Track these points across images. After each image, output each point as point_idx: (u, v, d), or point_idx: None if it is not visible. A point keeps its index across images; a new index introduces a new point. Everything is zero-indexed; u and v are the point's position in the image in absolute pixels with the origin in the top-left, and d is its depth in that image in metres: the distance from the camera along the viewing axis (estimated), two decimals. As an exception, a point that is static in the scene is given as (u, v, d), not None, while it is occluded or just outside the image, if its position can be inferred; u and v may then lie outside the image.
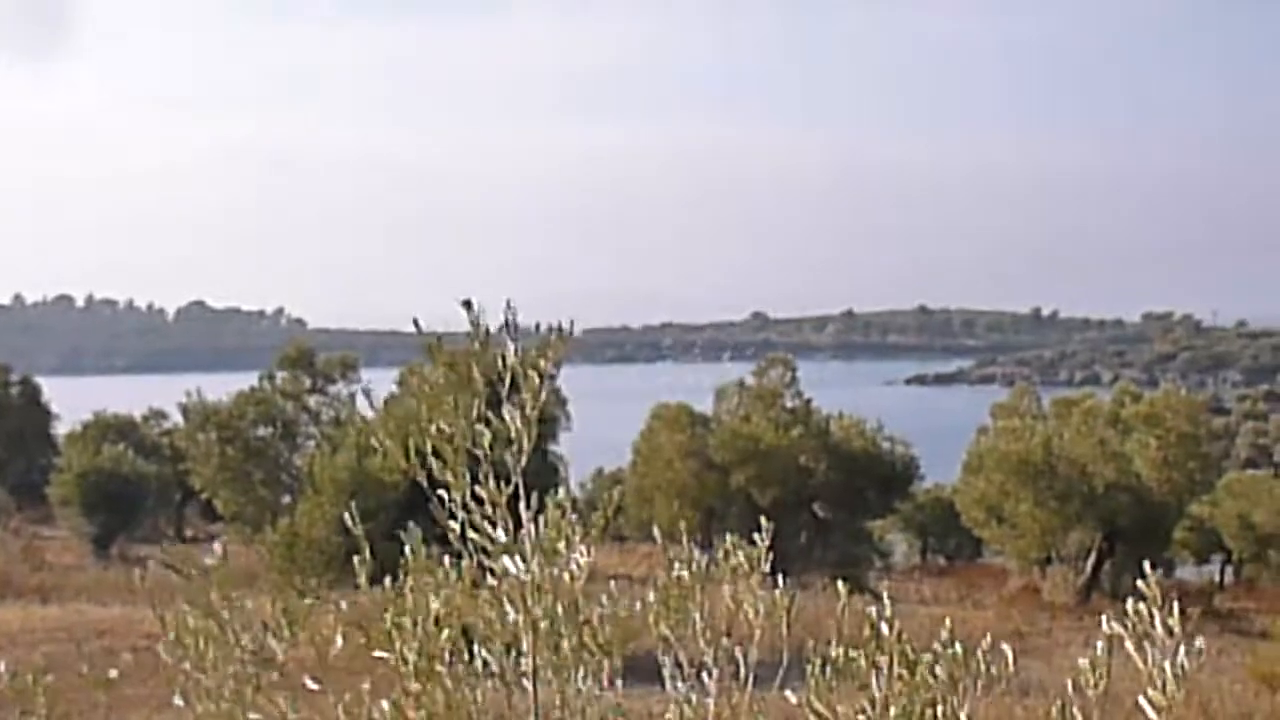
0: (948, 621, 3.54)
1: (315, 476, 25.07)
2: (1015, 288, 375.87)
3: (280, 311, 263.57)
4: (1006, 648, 3.47)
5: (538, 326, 3.50)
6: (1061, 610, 30.45)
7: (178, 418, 32.48)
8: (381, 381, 28.60)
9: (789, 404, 36.18)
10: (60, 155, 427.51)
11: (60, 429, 47.62)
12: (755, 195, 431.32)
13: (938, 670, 3.41)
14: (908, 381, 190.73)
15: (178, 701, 3.54)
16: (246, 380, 29.68)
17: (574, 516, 3.44)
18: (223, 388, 29.54)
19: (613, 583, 3.78)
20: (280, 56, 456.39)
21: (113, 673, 3.94)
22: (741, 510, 33.15)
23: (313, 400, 29.50)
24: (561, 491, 3.50)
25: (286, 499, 27.50)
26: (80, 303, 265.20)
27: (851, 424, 37.25)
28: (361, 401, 28.39)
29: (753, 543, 3.93)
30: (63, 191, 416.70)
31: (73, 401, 49.31)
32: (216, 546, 3.68)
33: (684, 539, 3.94)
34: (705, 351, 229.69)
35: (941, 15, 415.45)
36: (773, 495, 33.81)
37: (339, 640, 3.49)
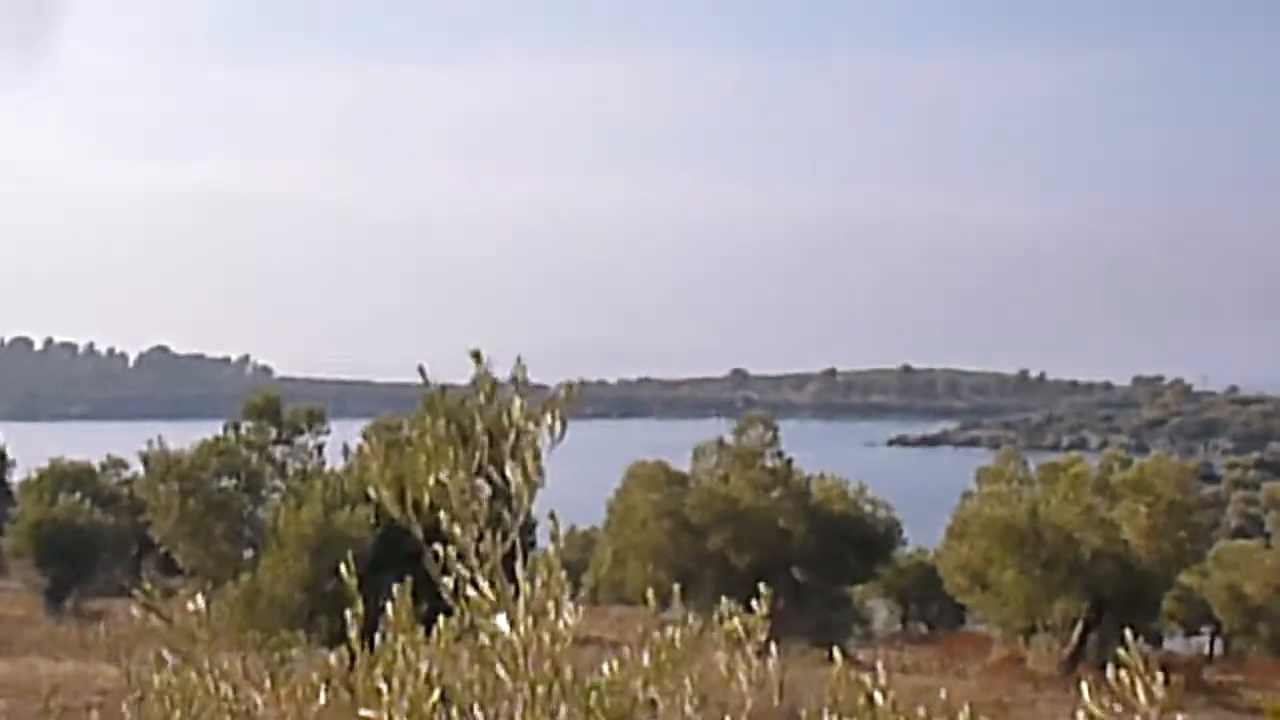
0: (942, 694, 3.51)
1: (279, 531, 24.36)
2: (1002, 348, 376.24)
3: (246, 359, 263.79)
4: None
5: (515, 380, 3.41)
6: (1046, 681, 29.88)
7: (137, 467, 31.72)
8: (348, 432, 27.94)
9: (769, 464, 35.51)
10: (21, 194, 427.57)
11: (15, 476, 46.48)
12: (736, 250, 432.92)
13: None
14: (890, 443, 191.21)
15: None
16: (209, 429, 28.87)
17: (564, 574, 3.32)
18: (184, 437, 28.72)
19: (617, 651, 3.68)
20: (247, 102, 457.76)
21: None
22: (718, 573, 32.44)
23: (278, 452, 28.70)
24: (552, 548, 3.37)
25: (249, 553, 26.71)
26: (39, 345, 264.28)
27: (833, 485, 36.65)
28: (337, 453, 27.69)
29: (749, 609, 3.89)
30: (22, 231, 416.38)
31: (28, 448, 48.57)
32: (199, 598, 3.66)
33: (677, 602, 3.97)
34: (684, 408, 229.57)
35: (928, 70, 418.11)
36: (750, 558, 33.19)
37: (321, 697, 3.45)
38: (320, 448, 28.33)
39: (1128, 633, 3.16)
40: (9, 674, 24.19)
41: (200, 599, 3.58)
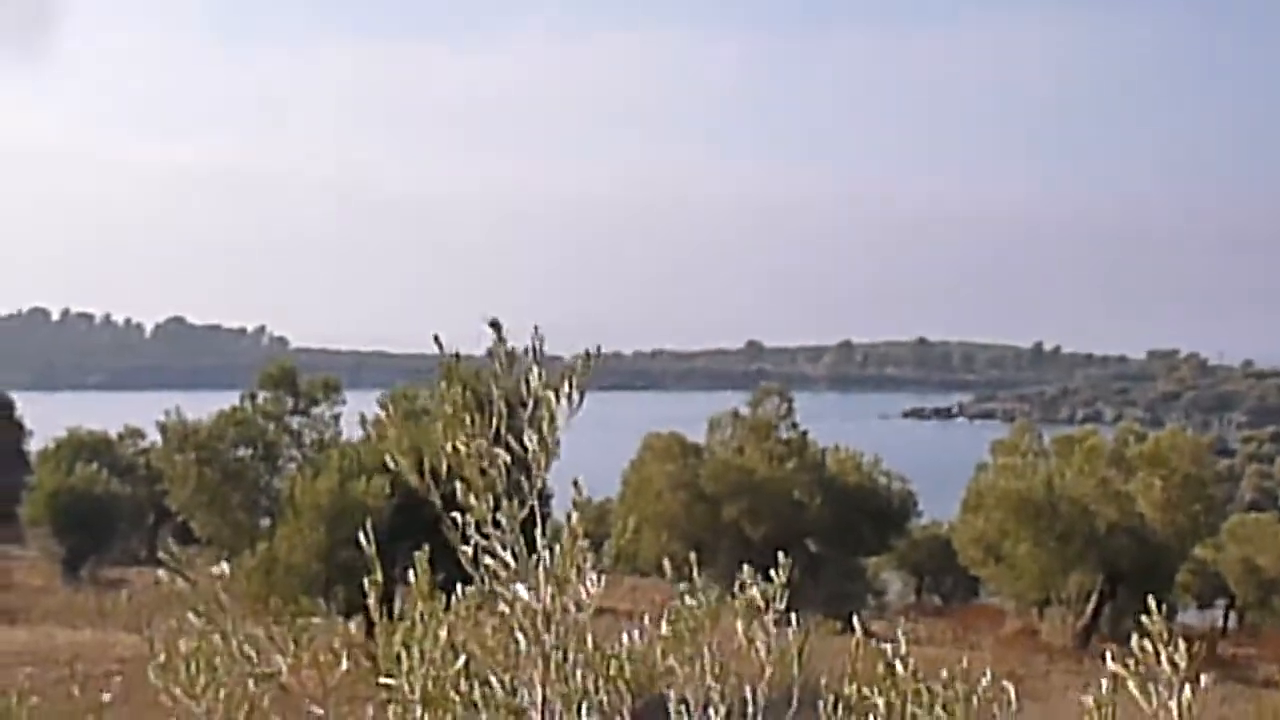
0: (965, 661, 3.52)
1: (295, 500, 24.39)
2: (1017, 321, 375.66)
3: (262, 330, 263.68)
4: (1009, 686, 3.43)
5: (532, 349, 3.39)
6: (1060, 653, 29.86)
7: (155, 437, 31.74)
8: (363, 403, 27.96)
9: (784, 436, 35.45)
10: (38, 167, 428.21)
11: (33, 446, 46.60)
12: (750, 223, 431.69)
13: (956, 710, 3.38)
14: (905, 415, 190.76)
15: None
16: (225, 399, 28.90)
17: (585, 543, 3.35)
18: (201, 407, 28.78)
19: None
20: (259, 75, 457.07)
21: (106, 697, 4.50)
22: (732, 544, 32.42)
23: (295, 422, 28.71)
24: (575, 516, 3.38)
25: (265, 522, 26.75)
26: (55, 316, 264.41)
27: (847, 458, 36.63)
28: (353, 424, 27.73)
29: (768, 579, 3.85)
30: (38, 204, 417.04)
31: (46, 418, 48.68)
32: (224, 565, 3.61)
33: (694, 571, 3.87)
34: (699, 381, 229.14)
35: (939, 45, 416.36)
36: (765, 530, 33.17)
37: (344, 663, 3.42)
38: (337, 418, 28.34)
39: (1151, 601, 3.18)
40: (27, 642, 24.33)
41: (224, 565, 3.57)
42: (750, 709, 3.75)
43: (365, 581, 3.45)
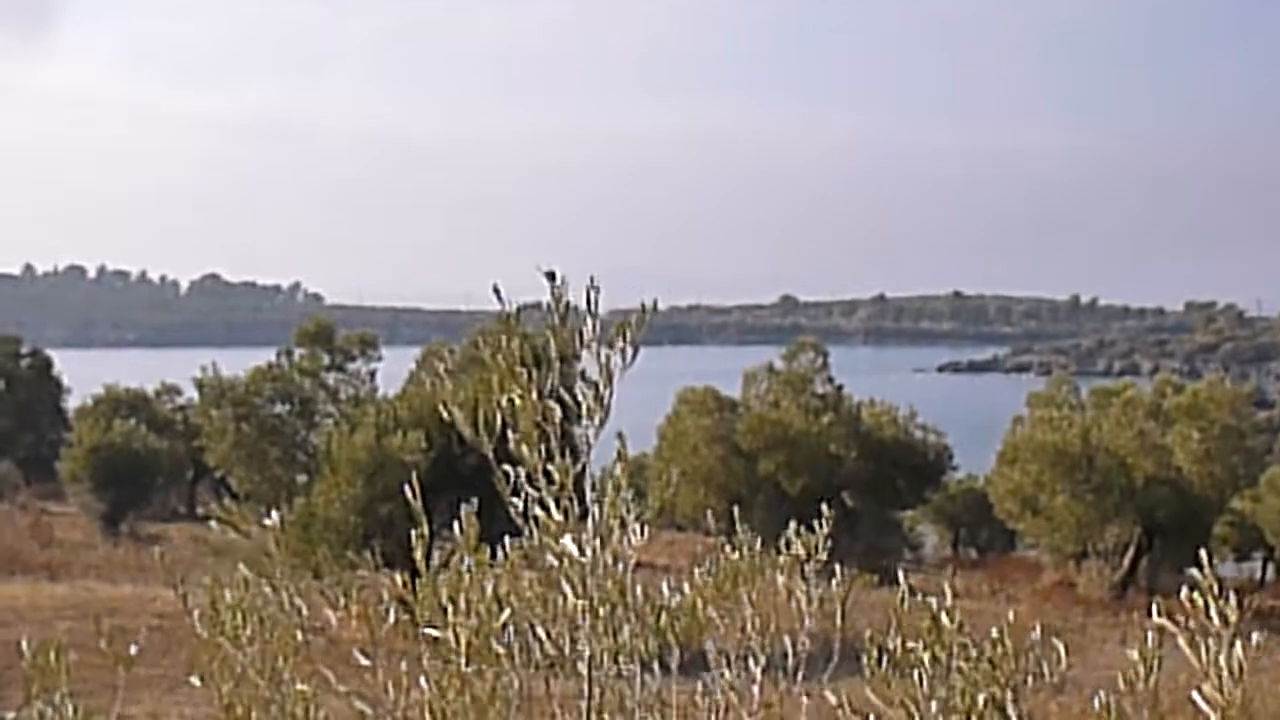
0: (1011, 615, 3.53)
1: (333, 456, 24.47)
2: (1053, 274, 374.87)
3: (297, 286, 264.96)
4: (1059, 642, 3.37)
5: (587, 303, 3.40)
6: (1097, 606, 29.76)
7: (191, 393, 31.88)
8: (398, 359, 27.99)
9: (819, 390, 35.44)
10: (72, 125, 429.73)
11: (71, 403, 46.97)
12: (786, 176, 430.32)
13: (994, 664, 3.35)
14: (940, 369, 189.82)
15: (194, 680, 3.55)
16: (260, 356, 29.09)
17: (630, 495, 3.39)
18: (236, 363, 28.94)
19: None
20: (297, 29, 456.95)
21: (133, 649, 3.94)
22: (768, 498, 32.47)
23: (331, 378, 28.80)
24: (619, 469, 3.42)
25: (302, 478, 26.87)
26: (92, 273, 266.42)
27: (883, 411, 36.56)
28: (389, 379, 27.82)
29: (812, 530, 3.96)
30: (75, 161, 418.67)
31: (83, 375, 48.91)
32: (273, 516, 3.69)
33: (737, 525, 3.99)
34: (733, 335, 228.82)
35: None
36: (801, 484, 33.19)
37: (390, 616, 3.49)
38: (373, 374, 28.42)
39: (1202, 554, 3.12)
40: (67, 596, 24.43)
41: (275, 516, 3.63)
42: (791, 661, 3.80)
43: (408, 535, 3.45)
